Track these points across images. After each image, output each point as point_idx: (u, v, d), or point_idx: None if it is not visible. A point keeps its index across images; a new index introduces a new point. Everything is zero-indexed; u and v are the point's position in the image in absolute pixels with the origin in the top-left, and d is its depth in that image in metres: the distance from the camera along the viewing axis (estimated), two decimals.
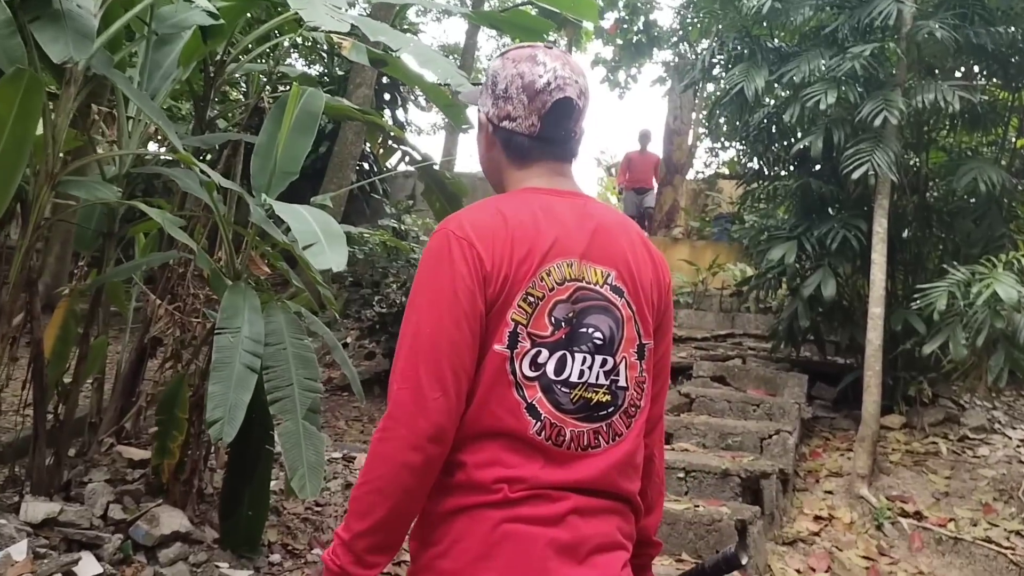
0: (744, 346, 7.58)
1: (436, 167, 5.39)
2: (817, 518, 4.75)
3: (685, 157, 14.70)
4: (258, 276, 3.97)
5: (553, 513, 1.36)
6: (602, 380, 1.44)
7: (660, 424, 1.63)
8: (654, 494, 1.64)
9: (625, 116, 49.72)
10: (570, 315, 1.42)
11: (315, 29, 4.36)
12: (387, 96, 11.44)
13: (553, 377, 1.40)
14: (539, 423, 1.38)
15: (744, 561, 1.53)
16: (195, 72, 4.37)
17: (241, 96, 8.67)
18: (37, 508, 3.29)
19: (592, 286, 1.45)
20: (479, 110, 1.57)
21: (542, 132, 1.52)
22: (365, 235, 6.25)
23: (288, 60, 11.58)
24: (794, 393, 5.92)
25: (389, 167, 10.62)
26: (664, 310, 1.57)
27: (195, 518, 3.75)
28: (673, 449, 4.91)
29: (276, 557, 3.80)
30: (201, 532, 3.68)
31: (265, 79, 5.46)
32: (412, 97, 11.96)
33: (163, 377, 4.19)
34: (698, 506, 3.99)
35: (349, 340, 8.21)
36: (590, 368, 1.43)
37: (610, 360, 1.45)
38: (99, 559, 3.26)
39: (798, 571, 4.18)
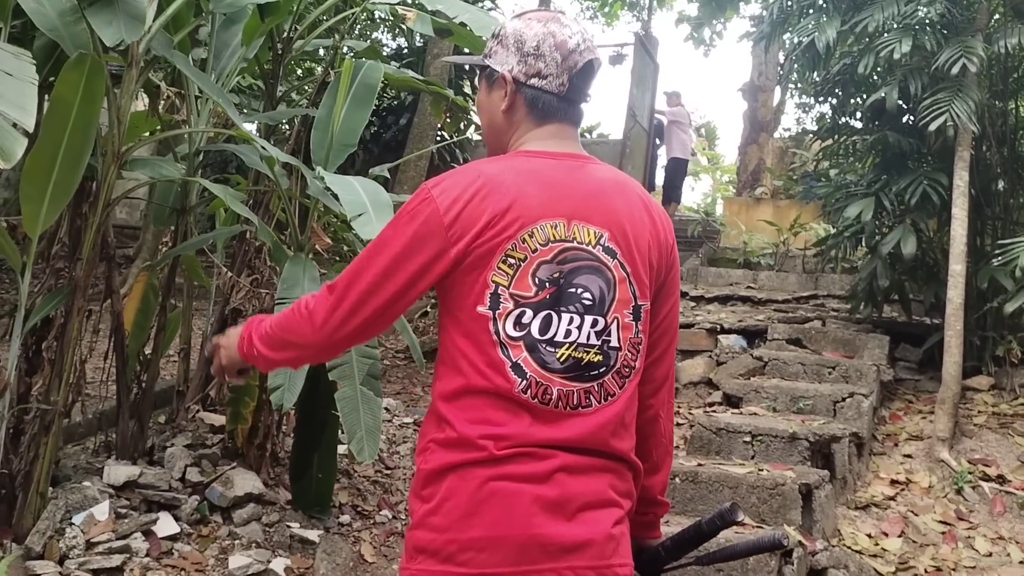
0: (827, 308, 7.38)
1: None
2: (893, 482, 4.63)
3: (770, 115, 14.31)
4: (321, 248, 4.09)
5: (540, 471, 1.39)
6: (593, 340, 1.45)
7: (667, 384, 1.63)
8: (659, 454, 1.65)
9: (711, 75, 48.49)
10: (556, 275, 1.44)
11: (366, 2, 4.42)
12: (466, 66, 11.44)
13: (538, 336, 1.43)
14: (524, 381, 1.41)
15: (739, 518, 1.53)
16: (263, 49, 4.49)
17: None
18: (119, 471, 3.49)
19: (583, 246, 1.46)
20: (494, 69, 1.57)
21: (568, 92, 1.55)
22: None
23: (375, 34, 11.74)
24: (874, 355, 5.75)
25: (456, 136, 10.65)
26: (667, 271, 1.57)
27: (268, 480, 3.92)
28: (740, 413, 4.85)
29: (346, 518, 3.94)
30: (274, 494, 3.84)
31: (331, 55, 5.56)
32: None
33: None
34: (762, 470, 3.95)
35: (429, 309, 8.35)
36: (579, 328, 1.44)
37: (601, 320, 1.46)
38: (176, 519, 3.45)
39: (869, 535, 4.10)
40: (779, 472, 3.90)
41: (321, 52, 7.43)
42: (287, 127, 6.87)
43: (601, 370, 1.46)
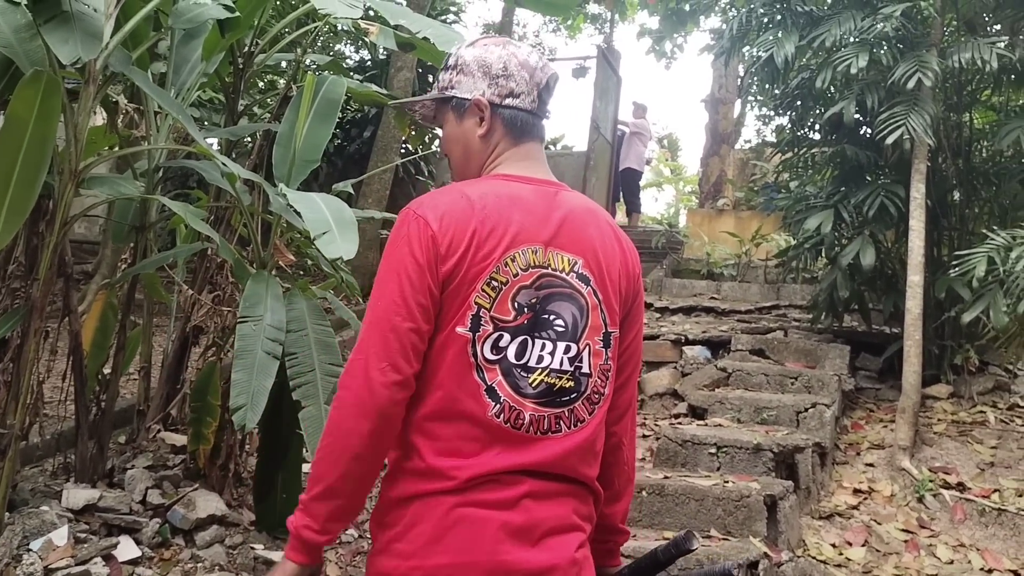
0: (788, 318, 7.47)
1: None
2: (856, 491, 4.68)
3: (731, 127, 14.48)
4: (284, 264, 4.05)
5: (506, 497, 1.39)
6: (566, 366, 1.46)
7: (630, 411, 1.64)
8: (621, 482, 1.65)
9: (673, 87, 49.00)
10: (533, 301, 1.45)
11: (328, 17, 4.40)
12: (430, 78, 11.44)
13: (513, 361, 1.43)
14: (498, 405, 1.41)
15: (694, 546, 1.54)
16: (224, 63, 4.45)
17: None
18: (78, 495, 3.42)
19: (558, 273, 1.47)
20: (463, 98, 1.56)
21: (538, 108, 1.58)
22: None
23: (338, 46, 11.68)
24: (835, 365, 5.83)
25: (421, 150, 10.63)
26: (633, 298, 1.59)
27: (232, 501, 3.86)
28: (706, 424, 4.88)
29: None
30: (238, 515, 3.79)
31: (294, 68, 5.52)
32: None
33: (205, 365, 4.31)
34: (727, 482, 3.97)
35: None
36: (551, 354, 1.45)
37: (574, 347, 1.47)
38: (138, 543, 3.38)
39: (834, 545, 4.13)
40: (744, 484, 3.92)
41: (284, 65, 7.39)
42: (249, 141, 6.81)
43: (572, 396, 1.47)
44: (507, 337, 1.43)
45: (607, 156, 12.40)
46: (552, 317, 1.46)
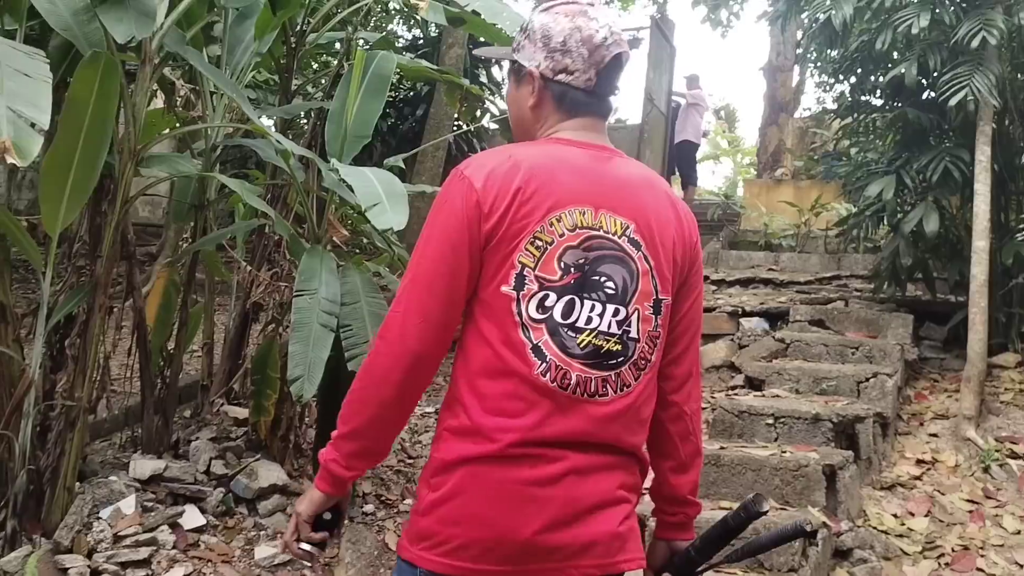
0: (849, 288, 7.32)
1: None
2: (919, 462, 4.59)
3: (790, 95, 14.19)
4: (338, 240, 4.11)
5: (550, 474, 1.40)
6: (614, 329, 1.46)
7: (691, 381, 1.62)
8: (687, 452, 1.63)
9: (729, 57, 48.11)
10: (581, 261, 1.44)
11: None
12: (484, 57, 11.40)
13: (560, 320, 1.43)
14: (544, 364, 1.41)
15: (765, 508, 1.51)
16: (277, 43, 4.51)
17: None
18: (144, 465, 3.54)
19: (610, 235, 1.47)
20: (521, 64, 1.56)
21: (596, 87, 1.54)
22: None
23: (389, 25, 11.72)
24: (897, 334, 5.70)
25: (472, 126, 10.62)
26: (690, 267, 1.58)
27: (292, 471, 3.95)
28: (763, 395, 4.83)
29: (370, 507, 3.96)
30: (298, 484, 3.87)
31: (345, 46, 5.57)
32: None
33: (264, 340, 4.41)
34: (785, 452, 3.93)
35: None
36: (600, 316, 1.45)
37: (623, 310, 1.46)
38: (202, 511, 3.49)
39: (895, 515, 4.07)
40: (802, 454, 3.87)
41: (337, 46, 7.45)
42: (304, 121, 6.89)
43: (619, 359, 1.46)
44: (553, 296, 1.43)
45: (661, 129, 12.25)
46: (603, 279, 1.45)
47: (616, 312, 1.46)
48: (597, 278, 1.45)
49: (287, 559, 3.36)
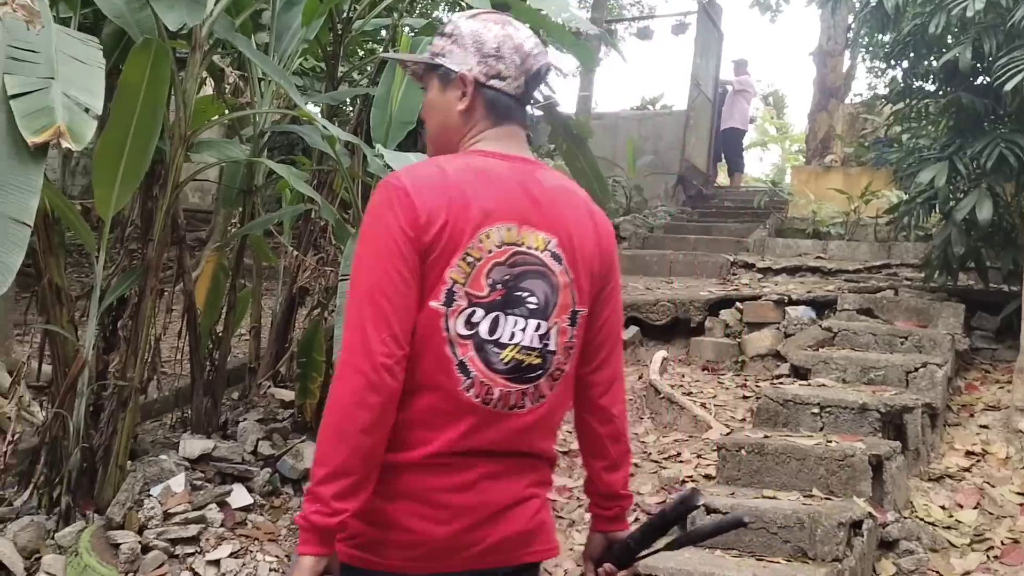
0: (899, 277, 7.19)
1: (559, 108, 5.39)
2: (969, 453, 4.51)
3: (840, 80, 13.92)
4: None
5: (465, 481, 1.46)
6: (535, 343, 1.50)
7: (615, 385, 1.67)
8: (617, 452, 1.68)
9: (778, 42, 47.35)
10: (507, 278, 1.47)
11: None
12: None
13: (486, 337, 1.46)
14: (469, 380, 1.45)
15: (700, 502, 1.57)
16: (324, 30, 4.55)
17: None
18: (194, 445, 3.61)
19: (532, 251, 1.50)
20: (449, 69, 1.56)
21: (523, 94, 1.57)
22: None
23: (435, 12, 11.74)
24: (948, 324, 5.58)
25: None
26: (606, 276, 1.61)
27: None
28: (808, 384, 4.77)
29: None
30: None
31: (391, 33, 5.59)
32: (551, 40, 11.84)
33: (310, 324, 4.48)
34: (831, 441, 3.88)
35: None
36: (523, 331, 1.48)
37: (544, 324, 1.50)
38: (250, 490, 3.56)
39: (943, 507, 4.00)
40: (848, 443, 3.83)
41: (383, 33, 7.49)
42: (350, 108, 6.95)
43: (539, 372, 1.51)
44: (480, 312, 1.45)
45: (708, 114, 12.13)
46: (526, 295, 1.49)
47: (538, 327, 1.49)
48: (520, 294, 1.48)
49: None
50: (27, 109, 2.27)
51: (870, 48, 6.78)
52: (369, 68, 6.99)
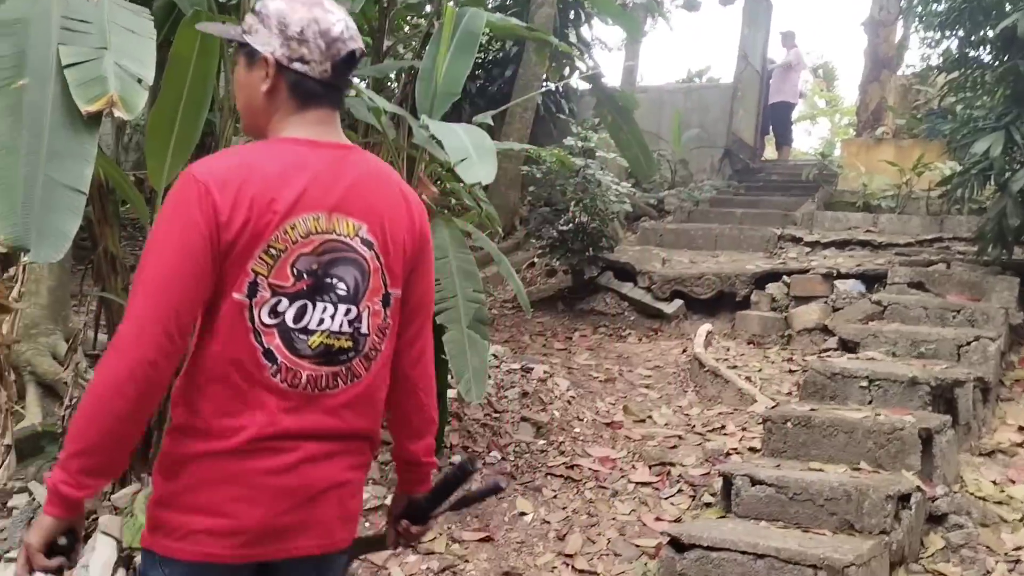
0: (952, 250, 7.04)
1: (604, 80, 5.35)
2: (1022, 429, 4.43)
3: (893, 51, 13.59)
4: (428, 198, 4.16)
5: (284, 463, 1.48)
6: (345, 328, 1.54)
7: (423, 359, 1.73)
8: (420, 421, 1.75)
9: (828, 12, 46.31)
10: (314, 267, 1.50)
11: None
12: (571, 14, 11.25)
13: (292, 325, 1.49)
14: (275, 366, 1.48)
15: (476, 468, 1.77)
16: (369, 4, 4.57)
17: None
18: None
19: (342, 238, 1.52)
20: (255, 48, 1.54)
21: (331, 79, 1.56)
22: (543, 154, 6.28)
23: None
24: (1002, 298, 5.47)
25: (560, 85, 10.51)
26: (418, 255, 1.65)
27: (383, 423, 4.06)
28: (857, 358, 4.71)
29: (457, 458, 4.05)
30: (389, 435, 3.98)
31: (436, 6, 5.58)
32: (596, 12, 11.70)
33: None
34: (879, 415, 3.83)
35: (536, 259, 8.40)
36: (332, 317, 1.52)
37: (354, 309, 1.54)
38: None
39: (995, 483, 3.93)
40: (897, 417, 3.78)
41: (428, 8, 7.50)
42: (394, 84, 6.96)
43: (350, 355, 1.55)
44: (285, 302, 1.48)
45: (755, 87, 11.94)
46: (335, 281, 1.52)
47: (348, 312, 1.53)
48: (330, 280, 1.52)
49: (378, 504, 3.47)
50: (81, 79, 2.31)
51: (923, 17, 6.60)
52: (414, 42, 7.02)
